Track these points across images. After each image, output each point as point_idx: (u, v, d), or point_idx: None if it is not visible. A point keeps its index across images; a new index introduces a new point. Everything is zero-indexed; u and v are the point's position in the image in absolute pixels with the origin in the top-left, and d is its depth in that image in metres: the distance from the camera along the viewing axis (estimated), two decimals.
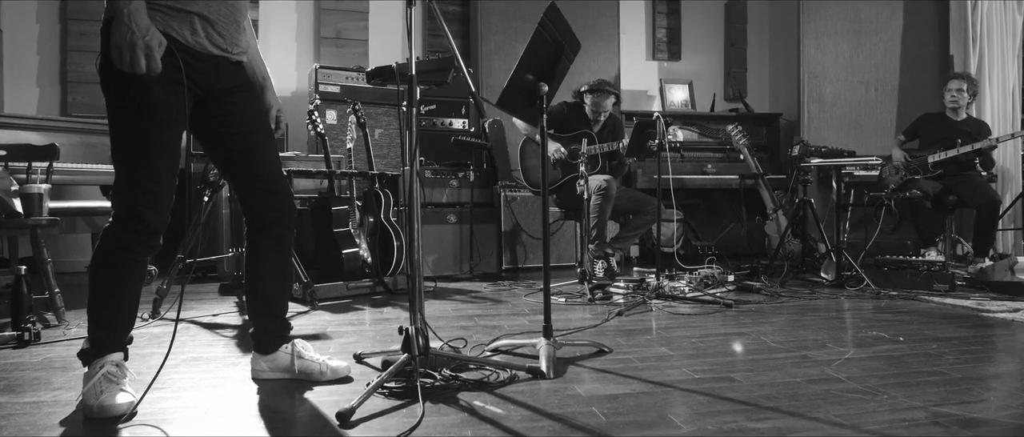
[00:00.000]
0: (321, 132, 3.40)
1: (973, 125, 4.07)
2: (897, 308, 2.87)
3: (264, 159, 1.65)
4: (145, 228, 1.45)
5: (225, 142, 1.63)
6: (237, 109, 1.62)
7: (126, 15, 1.32)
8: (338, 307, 2.99)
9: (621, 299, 3.14)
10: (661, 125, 3.04)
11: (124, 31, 1.32)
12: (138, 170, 1.44)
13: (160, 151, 1.45)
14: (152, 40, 1.35)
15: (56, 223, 2.63)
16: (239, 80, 1.64)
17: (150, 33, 1.35)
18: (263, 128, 1.68)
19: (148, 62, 1.35)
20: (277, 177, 1.68)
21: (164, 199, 1.47)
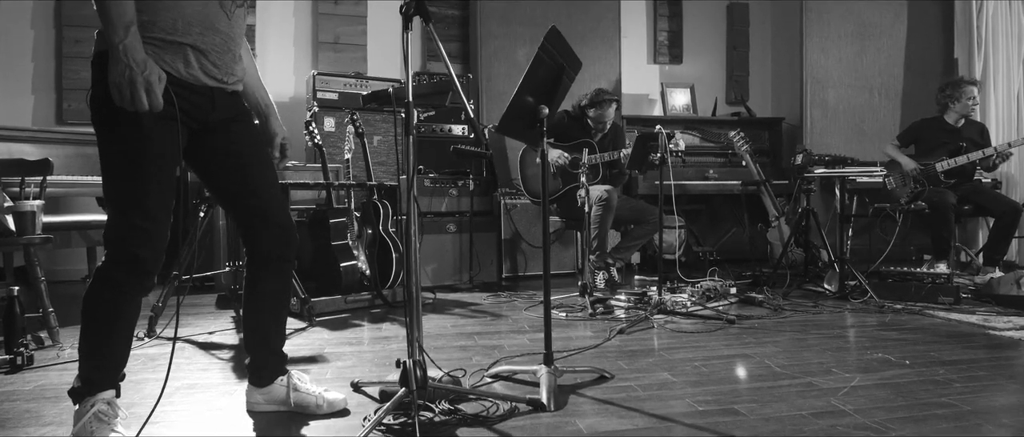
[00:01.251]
0: (318, 143, 3.36)
1: (974, 129, 4.01)
2: (902, 324, 2.83)
3: (263, 191, 1.61)
4: (139, 268, 1.42)
5: (222, 174, 1.60)
6: (233, 140, 1.58)
7: (122, 51, 1.28)
8: (336, 323, 2.95)
9: (622, 314, 3.11)
10: (663, 138, 3.00)
11: (122, 68, 1.28)
12: (131, 209, 1.40)
13: (153, 189, 1.41)
14: (152, 75, 1.31)
15: (49, 241, 2.59)
16: (235, 110, 1.60)
17: (149, 68, 1.31)
18: (261, 159, 1.64)
19: (149, 98, 1.31)
20: (277, 209, 1.64)
21: (158, 238, 1.43)
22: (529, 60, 5.02)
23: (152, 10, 1.40)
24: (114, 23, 1.28)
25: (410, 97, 1.62)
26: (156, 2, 1.40)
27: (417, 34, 5.13)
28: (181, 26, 1.43)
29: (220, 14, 1.50)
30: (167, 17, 1.41)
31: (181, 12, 1.42)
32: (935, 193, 3.78)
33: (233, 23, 1.54)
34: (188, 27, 1.44)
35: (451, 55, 5.17)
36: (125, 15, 1.29)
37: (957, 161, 3.80)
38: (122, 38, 1.28)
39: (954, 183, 3.89)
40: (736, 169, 5.07)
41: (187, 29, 1.44)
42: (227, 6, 1.51)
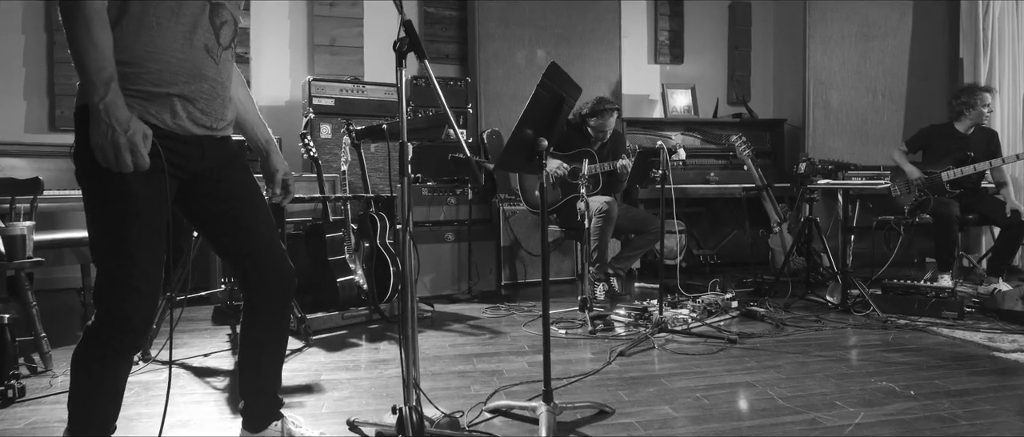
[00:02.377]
0: (314, 156, 3.31)
1: (983, 136, 3.95)
2: (905, 344, 2.80)
3: (257, 236, 1.57)
4: (129, 327, 1.37)
5: (215, 221, 1.55)
6: (224, 186, 1.53)
7: (103, 110, 1.22)
8: (333, 341, 2.92)
9: (622, 330, 3.08)
10: (664, 155, 2.95)
11: (104, 129, 1.22)
12: (120, 267, 1.35)
13: (142, 245, 1.36)
14: (136, 135, 1.25)
15: (41, 264, 2.55)
16: (226, 155, 1.54)
17: (132, 127, 1.25)
18: (254, 202, 1.59)
19: (135, 159, 1.26)
20: (273, 252, 1.59)
21: (149, 296, 1.39)
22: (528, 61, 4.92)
23: (135, 60, 1.34)
24: (93, 80, 1.23)
25: (405, 137, 1.57)
26: (139, 52, 1.34)
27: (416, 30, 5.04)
28: (167, 76, 1.37)
29: (207, 60, 1.44)
30: (152, 67, 1.35)
31: (166, 62, 1.37)
32: (939, 204, 3.73)
33: (221, 67, 1.48)
34: (174, 76, 1.38)
35: (449, 56, 5.10)
36: (104, 70, 1.24)
37: (963, 171, 3.74)
38: (102, 96, 1.23)
39: (960, 193, 3.83)
40: (737, 171, 5.02)
41: (173, 79, 1.38)
42: (214, 51, 1.45)
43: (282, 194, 1.71)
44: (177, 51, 1.39)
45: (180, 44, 1.39)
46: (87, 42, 1.22)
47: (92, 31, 1.23)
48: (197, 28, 1.41)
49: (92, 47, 1.23)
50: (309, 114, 4.16)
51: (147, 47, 1.35)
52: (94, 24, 1.23)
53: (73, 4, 1.23)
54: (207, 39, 1.44)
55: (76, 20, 1.23)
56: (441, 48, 5.07)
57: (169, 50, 1.37)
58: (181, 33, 1.39)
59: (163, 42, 1.36)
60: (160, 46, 1.36)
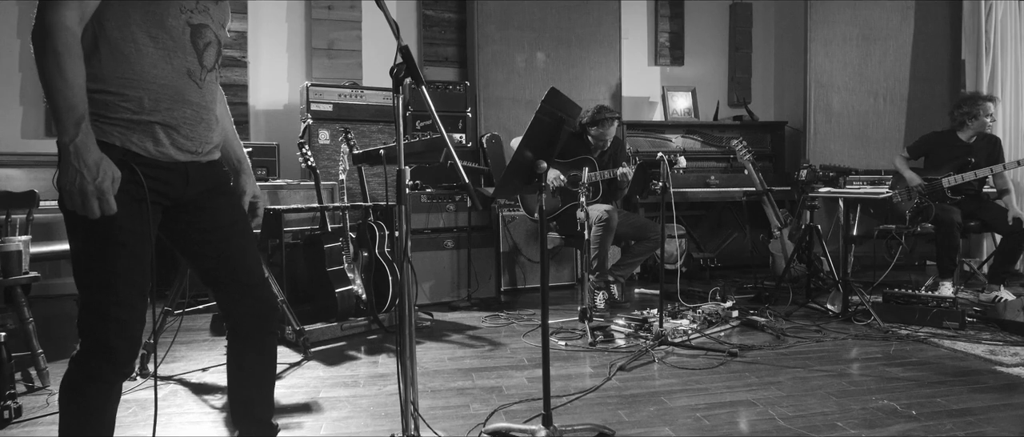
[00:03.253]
0: (312, 165, 3.29)
1: (985, 143, 3.92)
2: (906, 357, 2.79)
3: (243, 263, 1.55)
4: (115, 358, 1.35)
5: (200, 248, 1.53)
6: (209, 214, 1.51)
7: (72, 152, 1.18)
8: (332, 354, 2.91)
9: (622, 341, 3.07)
10: (665, 167, 2.92)
11: (72, 174, 1.19)
12: (104, 298, 1.33)
13: (125, 277, 1.34)
14: (104, 181, 1.21)
15: (37, 279, 2.53)
16: (211, 180, 1.52)
17: (102, 172, 1.21)
18: (241, 229, 1.57)
19: (101, 206, 1.23)
20: (258, 281, 1.58)
21: (134, 324, 1.37)
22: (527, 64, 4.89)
23: (115, 88, 1.31)
24: (63, 120, 1.19)
25: (402, 163, 1.55)
26: (118, 79, 1.31)
27: (413, 35, 5.02)
28: (148, 104, 1.34)
29: (190, 85, 1.41)
30: (131, 95, 1.33)
31: (147, 88, 1.34)
32: (941, 210, 3.71)
33: (205, 91, 1.45)
34: (156, 103, 1.35)
35: (448, 59, 5.07)
36: (75, 109, 1.20)
37: (963, 178, 3.72)
38: (72, 137, 1.19)
39: (961, 199, 3.81)
40: (738, 175, 4.99)
41: (155, 106, 1.35)
42: (197, 74, 1.42)
43: (250, 217, 1.68)
44: (158, 77, 1.36)
45: (161, 69, 1.36)
46: (58, 79, 1.19)
47: (63, 67, 1.19)
48: (178, 52, 1.38)
49: (63, 84, 1.19)
50: (307, 120, 4.13)
51: (126, 74, 1.32)
52: (65, 59, 1.20)
53: (44, 37, 1.20)
54: (189, 63, 1.41)
55: (46, 54, 1.20)
56: (440, 51, 5.04)
57: (150, 76, 1.34)
58: (161, 58, 1.36)
59: (142, 68, 1.34)
60: (140, 72, 1.33)
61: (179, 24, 1.38)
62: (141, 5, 1.33)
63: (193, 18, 1.40)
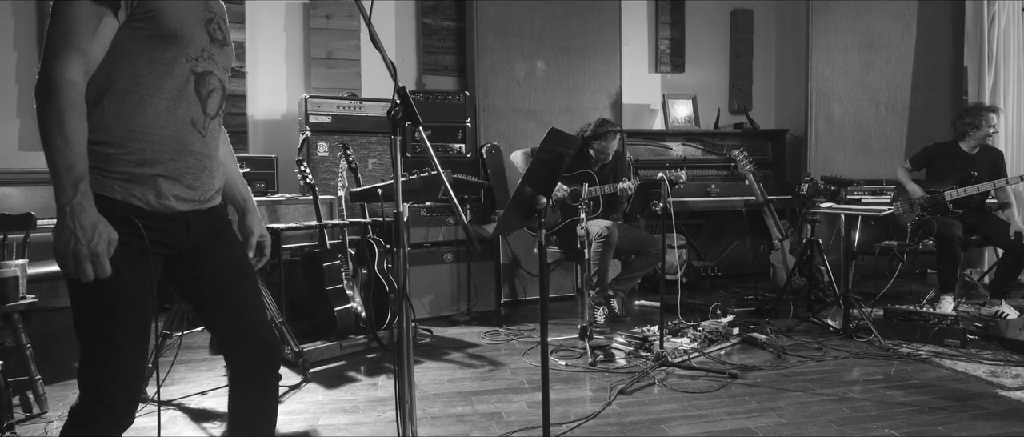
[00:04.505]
0: (310, 183, 3.27)
1: (988, 156, 3.90)
2: (908, 378, 2.78)
3: (244, 309, 1.53)
4: (114, 411, 1.34)
5: (201, 293, 1.51)
6: (210, 260, 1.49)
7: (69, 214, 1.15)
8: (331, 375, 2.90)
9: (623, 359, 3.06)
10: (666, 188, 2.91)
11: (67, 236, 1.16)
12: (103, 351, 1.31)
13: (125, 330, 1.32)
14: (99, 245, 1.18)
15: (35, 305, 2.52)
16: (213, 225, 1.50)
17: (97, 236, 1.18)
18: (242, 274, 1.55)
19: (95, 270, 1.21)
20: (260, 325, 1.56)
21: (134, 378, 1.36)
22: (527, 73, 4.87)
23: (117, 140, 1.29)
24: (62, 181, 1.16)
25: (400, 206, 1.53)
26: (121, 131, 1.29)
27: (412, 44, 4.99)
28: (150, 155, 1.32)
29: (193, 134, 1.39)
30: (134, 147, 1.30)
31: (149, 140, 1.32)
32: (942, 224, 3.70)
33: (208, 138, 1.43)
34: (157, 155, 1.33)
35: (447, 68, 5.04)
36: (74, 169, 1.17)
37: (966, 191, 3.70)
38: (70, 198, 1.16)
39: (963, 213, 3.79)
40: (739, 183, 4.98)
41: (157, 157, 1.33)
42: (201, 123, 1.40)
43: (257, 257, 1.66)
44: (161, 128, 1.33)
45: (164, 120, 1.33)
46: (58, 138, 1.17)
47: (65, 127, 1.17)
48: (182, 101, 1.36)
49: (64, 144, 1.17)
50: (306, 132, 4.11)
51: (128, 126, 1.30)
52: (68, 118, 1.17)
53: (47, 93, 1.17)
54: (193, 112, 1.38)
55: (49, 111, 1.17)
56: (439, 59, 5.02)
57: (152, 127, 1.32)
58: (165, 108, 1.33)
59: (145, 119, 1.31)
60: (142, 124, 1.31)
61: (184, 73, 1.35)
62: (146, 55, 1.30)
63: (198, 66, 1.37)
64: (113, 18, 1.24)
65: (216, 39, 1.42)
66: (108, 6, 1.22)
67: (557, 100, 4.88)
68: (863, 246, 4.34)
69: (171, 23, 1.30)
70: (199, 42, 1.37)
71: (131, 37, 1.28)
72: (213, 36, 1.41)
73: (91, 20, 1.21)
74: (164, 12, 1.29)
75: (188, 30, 1.34)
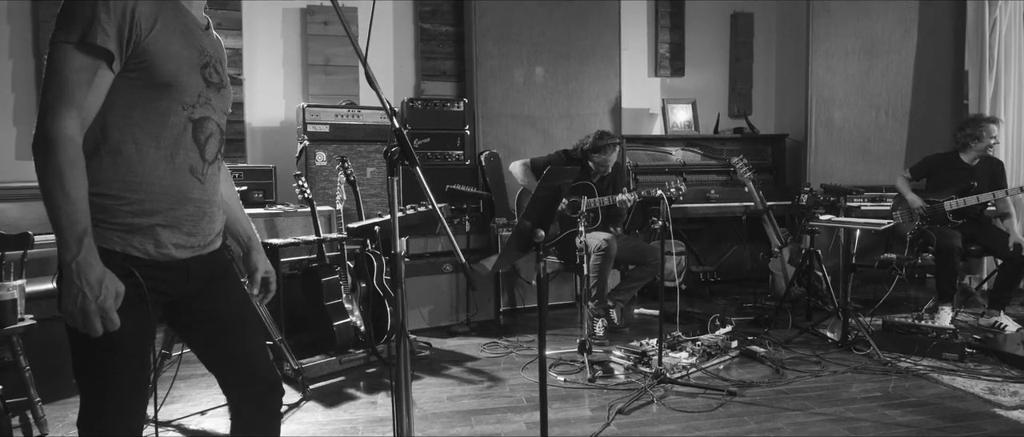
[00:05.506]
0: (309, 197, 3.27)
1: (988, 166, 3.89)
2: (905, 395, 2.78)
3: (244, 350, 1.53)
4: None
5: (202, 337, 1.51)
6: (210, 304, 1.48)
7: (74, 271, 1.16)
8: (330, 393, 2.90)
9: (621, 373, 3.07)
10: (665, 206, 2.90)
11: (74, 293, 1.16)
12: (103, 401, 1.31)
13: (126, 379, 1.32)
14: (107, 299, 1.19)
15: (33, 327, 2.52)
16: (213, 270, 1.49)
17: (104, 291, 1.19)
18: (243, 315, 1.54)
19: (105, 324, 1.21)
20: (261, 364, 1.56)
21: (133, 423, 1.36)
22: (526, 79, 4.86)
23: (116, 192, 1.28)
24: (65, 236, 1.16)
25: (398, 246, 1.53)
26: (119, 182, 1.28)
27: (410, 49, 4.97)
28: (149, 205, 1.32)
29: (192, 181, 1.38)
30: (132, 198, 1.30)
31: (148, 191, 1.31)
32: (941, 235, 3.69)
33: (207, 184, 1.42)
34: (156, 204, 1.33)
35: (446, 73, 5.02)
36: (77, 224, 1.17)
37: (965, 202, 3.70)
38: (74, 254, 1.16)
39: (962, 223, 3.79)
40: (738, 189, 4.96)
41: (155, 207, 1.32)
42: (199, 170, 1.39)
43: (262, 294, 1.66)
44: (160, 178, 1.33)
45: (162, 169, 1.33)
46: (60, 196, 1.16)
47: (65, 183, 1.17)
48: (180, 149, 1.35)
49: (65, 201, 1.16)
50: (304, 141, 4.09)
51: (127, 177, 1.29)
52: (68, 174, 1.17)
53: (45, 149, 1.17)
54: (191, 159, 1.38)
55: (48, 170, 1.17)
56: (438, 65, 4.99)
57: (151, 177, 1.31)
58: (163, 158, 1.33)
59: (143, 170, 1.30)
60: (141, 174, 1.30)
61: (181, 121, 1.34)
62: (142, 105, 1.29)
63: (194, 113, 1.36)
64: (108, 70, 1.23)
65: (212, 83, 1.41)
66: (103, 58, 1.21)
67: (556, 106, 4.87)
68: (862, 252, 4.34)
69: (166, 72, 1.29)
70: (195, 88, 1.36)
71: (126, 87, 1.27)
72: (209, 80, 1.40)
73: (86, 73, 1.21)
74: (158, 61, 1.28)
75: (183, 78, 1.33)
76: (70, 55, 1.19)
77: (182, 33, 1.34)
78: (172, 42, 1.30)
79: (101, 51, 1.20)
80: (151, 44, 1.26)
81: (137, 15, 1.23)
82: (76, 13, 1.20)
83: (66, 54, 1.19)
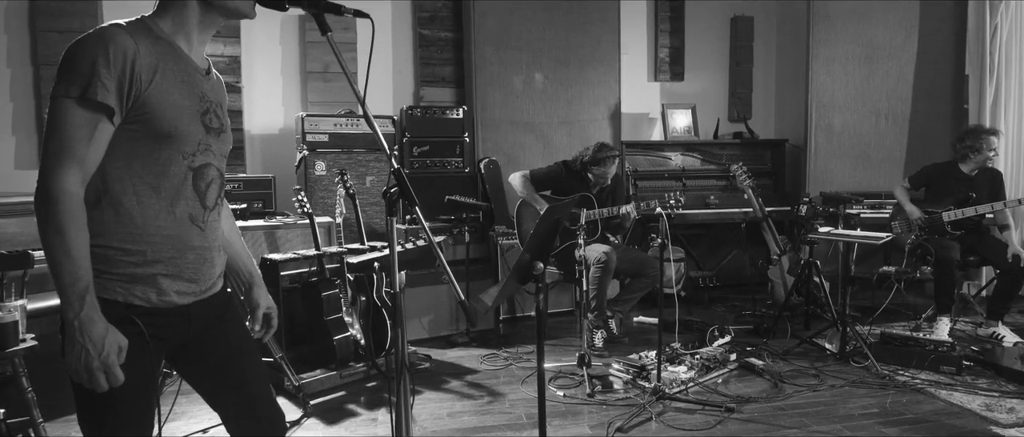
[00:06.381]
0: (309, 212, 3.27)
1: (988, 177, 3.89)
2: (902, 411, 2.80)
3: (246, 389, 1.54)
4: None
5: (204, 376, 1.52)
6: (211, 346, 1.49)
7: (77, 328, 1.16)
8: (331, 409, 2.92)
9: (620, 386, 3.09)
10: (664, 223, 2.90)
11: (78, 351, 1.17)
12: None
13: (130, 426, 1.34)
14: (110, 356, 1.20)
15: (35, 348, 2.52)
16: (215, 311, 1.49)
17: (107, 347, 1.19)
18: (245, 355, 1.55)
19: (108, 379, 1.22)
20: (264, 400, 1.57)
21: None
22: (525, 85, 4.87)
23: (117, 243, 1.28)
24: (68, 295, 1.17)
25: (398, 287, 1.53)
26: (120, 234, 1.28)
27: (409, 55, 4.95)
28: (150, 255, 1.32)
29: (192, 230, 1.38)
30: (135, 249, 1.30)
31: (149, 241, 1.31)
32: (940, 246, 3.70)
33: (208, 232, 1.42)
34: (158, 254, 1.33)
35: (445, 79, 5.00)
36: (79, 281, 1.18)
37: (964, 213, 3.70)
38: (77, 311, 1.17)
39: (961, 234, 3.79)
40: (737, 194, 4.96)
41: (157, 256, 1.33)
42: (200, 218, 1.39)
43: (264, 330, 1.66)
44: (160, 228, 1.33)
45: (163, 220, 1.33)
46: (61, 252, 1.17)
47: (66, 240, 1.17)
48: (180, 199, 1.35)
49: (66, 257, 1.17)
50: (303, 151, 4.09)
51: (128, 228, 1.29)
52: (69, 231, 1.17)
53: (46, 205, 1.18)
54: (192, 208, 1.37)
55: (49, 225, 1.18)
56: (437, 71, 4.98)
57: (152, 228, 1.32)
58: (164, 208, 1.33)
59: (144, 221, 1.31)
60: (141, 225, 1.30)
61: (181, 170, 1.34)
62: (143, 156, 1.29)
63: (194, 161, 1.36)
64: (108, 123, 1.23)
65: (212, 129, 1.40)
66: (103, 112, 1.21)
67: (556, 112, 4.86)
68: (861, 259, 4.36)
69: (166, 123, 1.29)
70: (195, 137, 1.35)
71: (127, 138, 1.27)
72: (209, 126, 1.39)
73: (87, 127, 1.21)
74: (158, 112, 1.27)
75: (183, 127, 1.32)
76: (70, 110, 1.19)
77: (182, 81, 1.33)
78: (172, 92, 1.30)
79: (101, 106, 1.20)
80: (151, 95, 1.26)
81: (137, 67, 1.23)
82: (76, 67, 1.20)
83: (66, 109, 1.19)
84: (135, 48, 1.23)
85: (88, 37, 1.22)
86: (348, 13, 1.52)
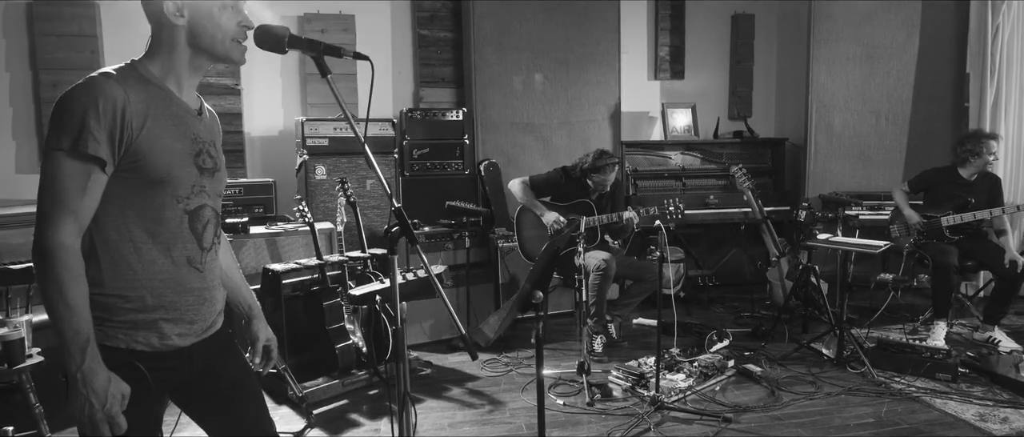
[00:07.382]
0: (309, 221, 3.28)
1: (987, 182, 3.90)
2: (897, 422, 2.83)
3: (246, 425, 1.57)
4: None
5: (205, 412, 1.54)
6: (211, 382, 1.51)
7: (80, 380, 1.19)
8: (334, 419, 2.96)
9: (619, 393, 3.13)
10: (663, 236, 2.92)
11: (82, 403, 1.19)
12: None
13: None
14: (113, 406, 1.22)
15: (41, 362, 2.55)
16: (215, 349, 1.51)
17: (110, 398, 1.22)
18: (245, 388, 1.57)
19: (112, 429, 1.24)
20: (265, 434, 1.60)
21: None
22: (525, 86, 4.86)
23: (116, 291, 1.30)
24: (70, 347, 1.19)
25: (400, 322, 1.55)
26: (120, 282, 1.29)
27: (408, 56, 4.94)
28: (150, 301, 1.33)
29: (191, 273, 1.39)
30: (134, 296, 1.31)
31: (149, 288, 1.32)
32: (938, 252, 3.72)
33: (206, 273, 1.43)
34: (158, 299, 1.34)
35: (444, 79, 4.99)
36: (80, 334, 1.19)
37: (962, 218, 3.72)
38: (79, 364, 1.19)
39: (959, 239, 3.81)
40: (737, 194, 4.96)
41: (157, 302, 1.34)
42: (197, 260, 1.40)
43: (264, 362, 1.69)
44: (159, 273, 1.34)
45: (161, 265, 1.34)
46: (60, 305, 1.19)
47: (65, 294, 1.19)
48: (177, 243, 1.36)
49: (66, 310, 1.19)
50: (303, 155, 4.10)
51: (127, 276, 1.30)
52: (67, 284, 1.19)
53: (43, 258, 1.19)
54: (189, 251, 1.39)
55: (48, 279, 1.19)
56: (436, 71, 4.96)
57: (150, 273, 1.33)
58: (161, 253, 1.34)
59: (143, 268, 1.32)
60: (140, 272, 1.32)
61: (176, 214, 1.35)
62: (137, 203, 1.30)
63: (190, 204, 1.37)
64: (101, 173, 1.23)
65: (206, 169, 1.41)
66: (95, 163, 1.22)
67: (555, 112, 4.85)
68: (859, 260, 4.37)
69: (159, 168, 1.29)
70: (189, 180, 1.36)
71: (121, 186, 1.28)
72: (203, 167, 1.39)
73: (79, 179, 1.22)
74: (151, 158, 1.28)
75: (176, 171, 1.33)
76: (62, 163, 1.20)
77: (174, 124, 1.33)
78: (163, 137, 1.30)
79: (93, 158, 1.21)
80: (143, 142, 1.26)
81: (128, 116, 1.24)
82: (66, 120, 1.20)
83: (58, 162, 1.20)
84: (124, 97, 1.24)
85: (78, 88, 1.23)
86: (348, 55, 1.54)
